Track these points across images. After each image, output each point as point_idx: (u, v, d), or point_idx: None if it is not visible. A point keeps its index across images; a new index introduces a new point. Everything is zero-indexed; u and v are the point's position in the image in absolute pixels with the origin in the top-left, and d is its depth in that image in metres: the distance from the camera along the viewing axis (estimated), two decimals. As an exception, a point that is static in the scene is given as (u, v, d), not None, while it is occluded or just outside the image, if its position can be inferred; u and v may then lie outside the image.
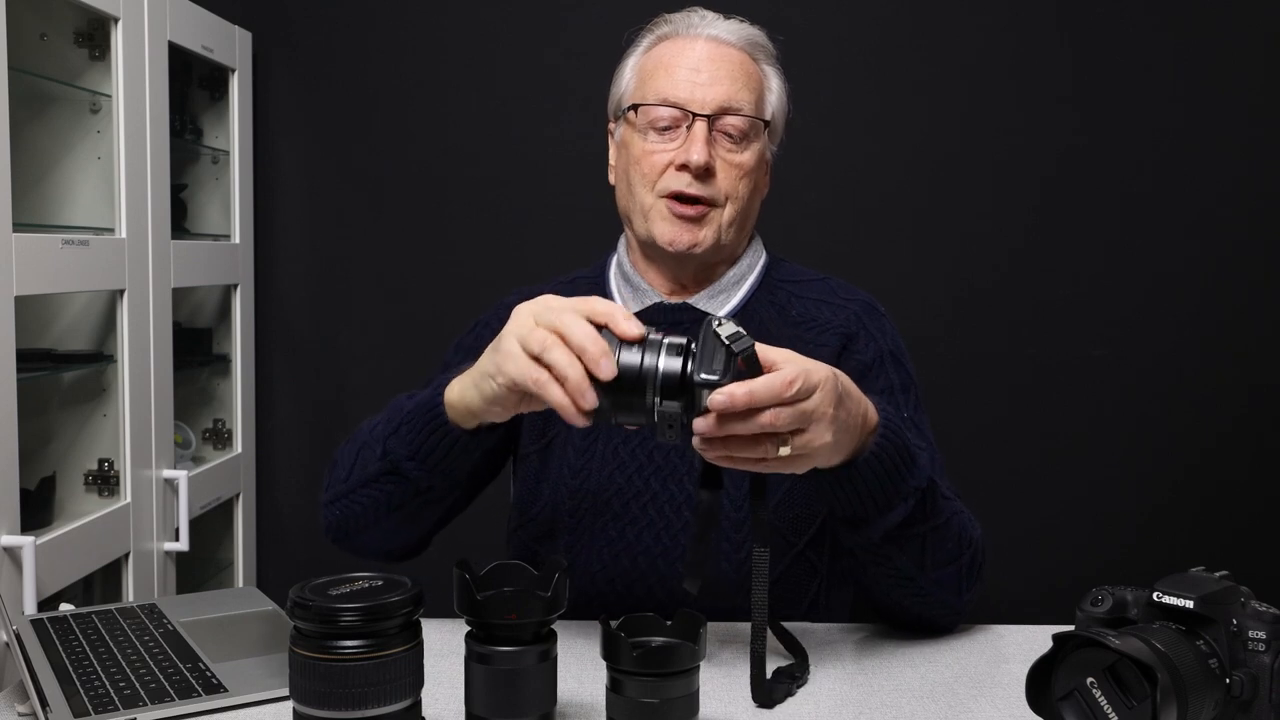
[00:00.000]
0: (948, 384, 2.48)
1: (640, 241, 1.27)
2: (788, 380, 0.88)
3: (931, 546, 1.08)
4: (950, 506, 1.11)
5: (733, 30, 1.27)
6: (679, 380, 0.87)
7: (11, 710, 0.98)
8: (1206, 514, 2.50)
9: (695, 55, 1.24)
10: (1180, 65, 2.45)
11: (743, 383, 0.87)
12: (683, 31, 1.27)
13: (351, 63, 2.57)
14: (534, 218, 2.51)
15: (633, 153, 1.25)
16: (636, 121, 1.25)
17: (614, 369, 0.87)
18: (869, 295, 1.34)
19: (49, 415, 1.97)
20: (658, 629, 0.89)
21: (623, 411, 0.89)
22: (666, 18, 1.30)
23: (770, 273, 1.33)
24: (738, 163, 1.23)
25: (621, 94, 1.30)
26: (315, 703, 0.79)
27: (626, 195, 1.27)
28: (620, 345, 0.89)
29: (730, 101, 1.22)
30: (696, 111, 1.21)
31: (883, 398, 1.22)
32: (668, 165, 1.22)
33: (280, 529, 2.66)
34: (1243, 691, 0.80)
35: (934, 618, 1.16)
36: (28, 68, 1.83)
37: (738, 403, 0.86)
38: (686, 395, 0.88)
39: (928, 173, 2.49)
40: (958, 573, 1.12)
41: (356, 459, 1.20)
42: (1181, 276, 2.49)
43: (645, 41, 1.30)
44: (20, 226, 1.67)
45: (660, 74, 1.24)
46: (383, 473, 1.15)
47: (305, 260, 2.63)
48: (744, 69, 1.25)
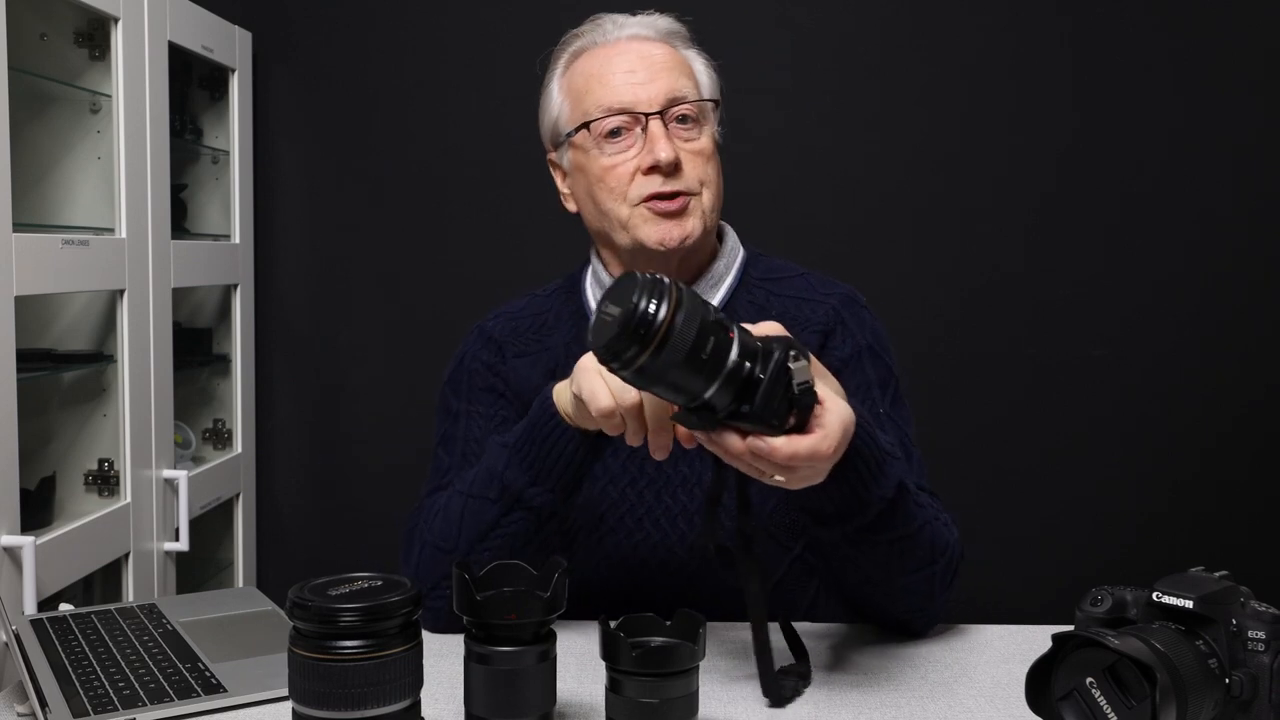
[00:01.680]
0: (948, 384, 2.48)
1: (627, 252, 1.24)
2: (829, 452, 0.88)
3: (900, 554, 1.07)
4: (923, 514, 1.08)
5: (648, 24, 1.25)
6: (735, 395, 0.85)
7: (11, 710, 0.98)
8: (1206, 514, 2.50)
9: (624, 59, 1.21)
10: (1180, 65, 2.45)
11: (789, 443, 0.86)
12: (600, 40, 1.24)
13: (351, 63, 2.57)
14: (534, 218, 2.51)
15: (593, 172, 1.22)
16: (585, 142, 1.22)
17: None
18: (849, 288, 1.31)
19: (49, 415, 1.97)
20: (657, 629, 0.88)
21: (669, 385, 0.84)
22: (576, 32, 1.27)
23: (749, 270, 1.30)
24: (699, 149, 1.21)
25: (557, 119, 1.26)
26: (315, 703, 0.79)
27: (597, 216, 1.24)
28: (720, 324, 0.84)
29: (674, 92, 1.20)
30: (646, 110, 1.19)
31: (860, 393, 1.21)
32: (634, 173, 1.19)
33: (280, 529, 2.66)
34: (1242, 691, 0.80)
35: (906, 619, 1.14)
36: (28, 68, 1.83)
37: (776, 459, 0.87)
38: (734, 412, 0.86)
39: (928, 173, 2.49)
40: (929, 579, 1.10)
41: (462, 519, 1.13)
42: (1181, 276, 2.49)
43: (562, 61, 1.27)
44: (20, 226, 1.67)
45: (595, 86, 1.21)
46: (503, 514, 1.11)
47: (305, 260, 2.63)
48: (673, 59, 1.23)
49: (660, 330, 0.80)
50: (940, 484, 1.23)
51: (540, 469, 1.08)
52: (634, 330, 0.80)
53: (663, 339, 0.80)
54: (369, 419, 2.62)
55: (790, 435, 0.87)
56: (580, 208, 1.28)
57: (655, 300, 0.80)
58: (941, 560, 1.10)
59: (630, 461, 1.23)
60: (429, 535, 1.16)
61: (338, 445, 2.66)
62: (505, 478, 1.10)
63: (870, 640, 1.15)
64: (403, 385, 2.55)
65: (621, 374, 0.83)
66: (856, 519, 1.02)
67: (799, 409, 0.87)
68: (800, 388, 0.86)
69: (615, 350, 0.81)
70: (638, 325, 0.80)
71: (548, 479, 1.09)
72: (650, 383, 0.83)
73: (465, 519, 1.13)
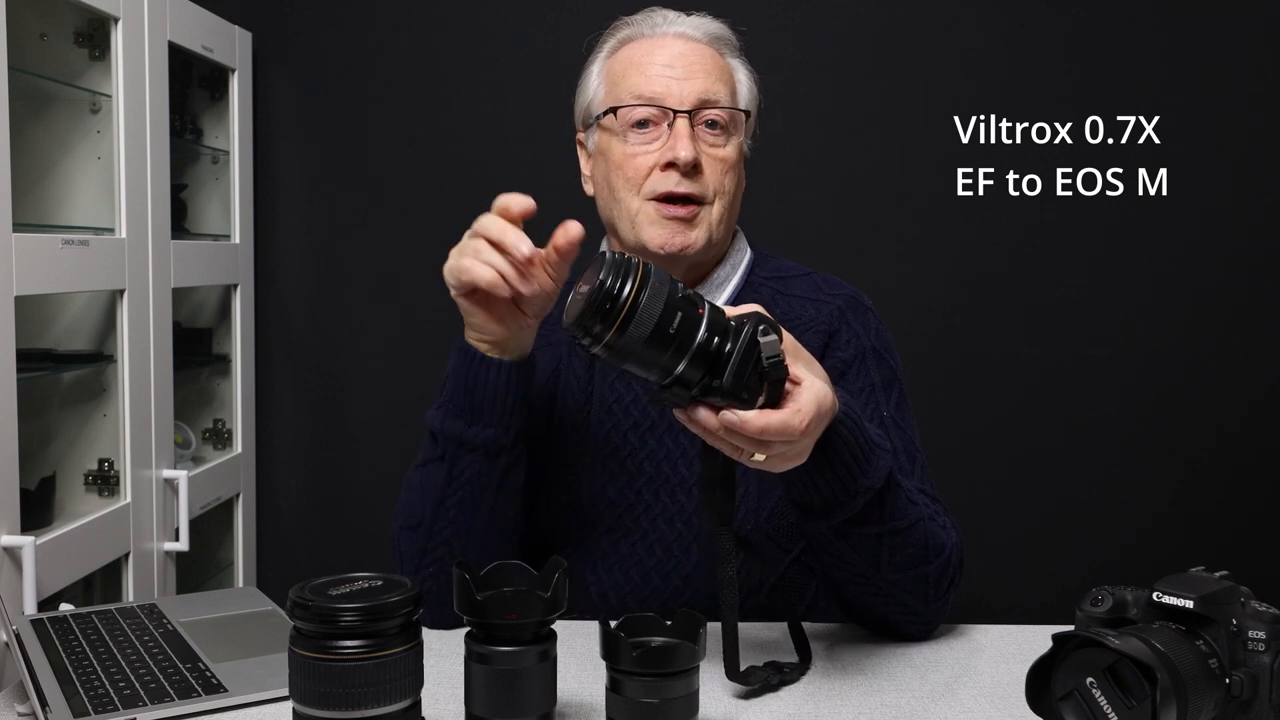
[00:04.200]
0: (948, 384, 2.48)
1: (629, 249, 1.24)
2: (801, 426, 0.88)
3: (889, 549, 1.06)
4: (916, 511, 1.08)
5: (697, 26, 1.25)
6: (706, 370, 0.86)
7: (11, 710, 0.98)
8: (1206, 514, 2.51)
9: (666, 53, 1.22)
10: (1180, 65, 2.45)
11: (759, 416, 0.87)
12: (647, 32, 1.25)
13: (351, 63, 2.57)
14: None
15: (613, 158, 1.22)
16: (613, 126, 1.23)
17: (530, 245, 1.00)
18: (855, 290, 1.31)
19: (49, 415, 1.97)
20: (657, 629, 0.88)
21: (639, 361, 0.86)
22: (627, 20, 1.28)
23: (755, 270, 1.31)
24: (722, 157, 1.21)
25: (590, 101, 1.27)
26: (315, 703, 0.79)
27: (610, 203, 1.25)
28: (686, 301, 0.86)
29: (708, 94, 1.21)
30: (676, 107, 1.19)
31: (863, 395, 1.21)
32: (652, 167, 1.20)
33: (280, 529, 2.66)
34: (1242, 691, 0.80)
35: (900, 622, 1.13)
36: (28, 68, 1.83)
37: (747, 431, 0.87)
38: (706, 387, 0.87)
39: (927, 172, 2.49)
40: (922, 580, 1.09)
41: (421, 491, 1.15)
42: (1181, 276, 2.49)
43: (608, 46, 1.28)
44: (20, 226, 1.67)
45: (633, 74, 1.22)
46: (451, 466, 1.12)
47: (305, 260, 2.63)
48: (715, 63, 1.24)
49: (625, 306, 0.83)
50: (940, 484, 1.23)
51: (473, 409, 1.10)
52: (599, 306, 0.83)
53: (627, 315, 0.83)
54: (369, 419, 2.62)
55: (763, 410, 0.88)
56: (596, 192, 1.29)
57: (620, 278, 0.84)
58: (935, 561, 1.10)
59: (629, 461, 1.23)
60: (397, 519, 1.18)
61: (338, 445, 2.65)
62: (444, 430, 1.12)
63: (871, 640, 1.15)
64: (403, 385, 2.55)
65: (593, 350, 0.86)
66: (844, 509, 1.02)
67: (770, 382, 0.88)
68: (770, 361, 0.87)
69: (584, 326, 0.85)
70: (603, 301, 0.83)
71: (484, 415, 1.10)
72: (621, 359, 0.86)
73: (423, 489, 1.15)
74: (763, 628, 1.16)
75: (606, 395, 1.25)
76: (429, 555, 1.14)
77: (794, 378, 0.90)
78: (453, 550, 1.13)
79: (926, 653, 1.12)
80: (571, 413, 1.26)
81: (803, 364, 0.93)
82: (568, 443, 1.25)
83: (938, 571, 1.10)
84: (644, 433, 1.23)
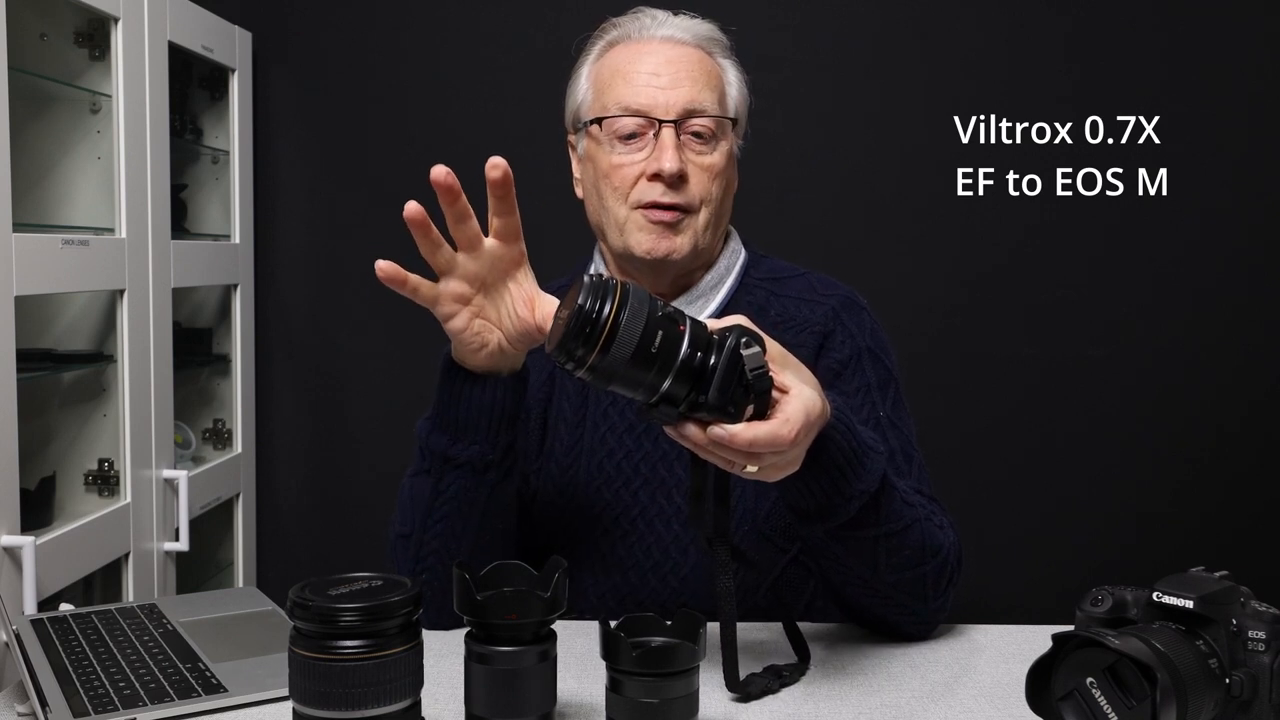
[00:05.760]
0: (947, 384, 2.48)
1: (616, 254, 1.25)
2: (790, 436, 0.87)
3: (886, 552, 1.06)
4: (912, 513, 1.07)
5: (685, 28, 1.24)
6: (691, 385, 0.86)
7: (11, 710, 0.98)
8: (1206, 514, 2.50)
9: (652, 59, 1.21)
10: (1180, 65, 2.45)
11: (747, 429, 0.86)
12: (634, 35, 1.24)
13: (351, 63, 2.57)
14: (533, 218, 2.51)
15: (600, 167, 1.22)
16: (599, 134, 1.22)
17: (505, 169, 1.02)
18: (850, 290, 1.30)
19: (49, 415, 1.97)
20: (657, 629, 0.88)
21: (624, 381, 0.86)
22: (614, 21, 1.26)
23: (750, 271, 1.30)
24: (708, 165, 1.21)
25: (579, 106, 1.27)
26: (315, 703, 0.79)
27: (598, 209, 1.25)
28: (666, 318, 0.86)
29: (694, 103, 1.19)
30: (661, 118, 1.18)
31: (859, 396, 1.21)
32: (638, 177, 1.19)
33: (280, 529, 2.66)
34: (1242, 691, 0.80)
35: (900, 622, 1.13)
36: (28, 68, 1.83)
37: (736, 444, 0.86)
38: (692, 403, 0.87)
39: (927, 172, 2.49)
40: (920, 580, 1.09)
41: (411, 501, 1.15)
42: (1181, 276, 2.49)
43: (596, 48, 1.27)
44: (20, 226, 1.67)
45: (618, 82, 1.21)
46: (437, 481, 1.11)
47: (305, 260, 2.63)
48: (702, 67, 1.22)
49: (605, 327, 0.83)
50: (940, 484, 1.23)
51: (458, 426, 1.09)
52: (580, 329, 0.83)
53: (609, 336, 0.83)
54: (369, 419, 2.62)
55: (751, 422, 0.87)
56: (585, 197, 1.28)
57: (600, 300, 0.84)
58: (933, 561, 1.09)
59: (625, 463, 1.23)
60: (393, 526, 1.18)
61: (338, 445, 2.65)
62: (430, 445, 1.11)
63: (870, 640, 1.15)
64: (403, 385, 2.54)
65: (578, 374, 0.85)
66: (839, 514, 1.01)
67: (756, 394, 0.87)
68: (754, 373, 0.86)
69: (567, 350, 0.84)
70: (583, 324, 0.83)
71: (468, 433, 1.09)
72: (606, 380, 0.86)
73: (413, 500, 1.14)
74: (761, 628, 1.16)
75: (602, 398, 1.25)
76: (421, 564, 1.14)
77: (781, 386, 0.90)
78: (443, 560, 1.12)
79: (925, 652, 1.12)
80: (567, 415, 1.26)
81: (790, 371, 0.92)
82: (564, 445, 1.25)
83: (935, 571, 1.10)
84: (640, 435, 1.23)
